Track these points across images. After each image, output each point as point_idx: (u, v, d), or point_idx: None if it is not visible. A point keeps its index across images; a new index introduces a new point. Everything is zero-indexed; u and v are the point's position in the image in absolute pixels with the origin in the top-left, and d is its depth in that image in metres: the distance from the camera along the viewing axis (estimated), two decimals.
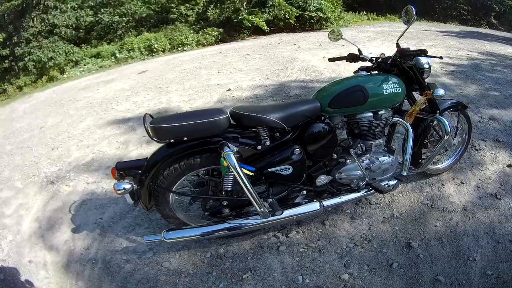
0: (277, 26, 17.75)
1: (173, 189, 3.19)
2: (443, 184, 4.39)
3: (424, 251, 3.49)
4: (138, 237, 3.98)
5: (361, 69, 3.69)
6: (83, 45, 18.77)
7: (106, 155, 6.12)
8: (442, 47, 11.17)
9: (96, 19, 19.44)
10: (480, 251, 3.46)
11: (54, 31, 18.00)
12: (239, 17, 16.70)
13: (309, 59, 10.17)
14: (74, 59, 16.94)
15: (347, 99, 3.24)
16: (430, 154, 3.88)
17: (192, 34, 17.48)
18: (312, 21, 17.65)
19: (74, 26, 18.79)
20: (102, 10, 19.59)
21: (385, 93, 3.26)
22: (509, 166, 4.65)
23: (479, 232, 3.68)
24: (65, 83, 14.02)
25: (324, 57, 9.77)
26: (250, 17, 16.82)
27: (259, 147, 3.16)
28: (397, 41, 3.65)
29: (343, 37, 3.90)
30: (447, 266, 3.34)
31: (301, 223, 3.91)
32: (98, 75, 14.16)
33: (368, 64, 3.70)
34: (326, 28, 17.43)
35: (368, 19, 21.43)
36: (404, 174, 3.64)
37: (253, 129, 3.20)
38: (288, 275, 3.34)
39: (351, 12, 22.20)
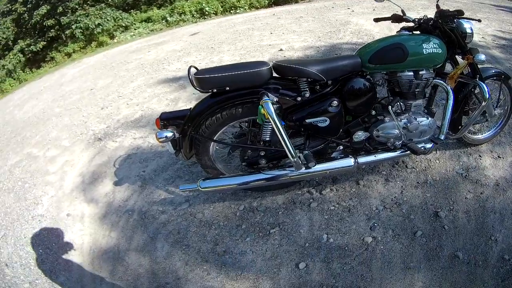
0: None
1: (214, 138, 3.29)
2: (480, 156, 4.26)
3: (450, 223, 3.45)
4: (177, 189, 4.14)
5: (404, 29, 3.66)
6: (132, 10, 18.86)
7: (155, 112, 6.27)
8: (495, 20, 10.62)
9: None
10: (503, 232, 3.34)
11: None
12: None
13: (362, 23, 9.99)
14: (123, 25, 17.09)
15: (387, 55, 3.22)
16: (468, 121, 3.78)
17: None
18: None
19: None
20: None
21: (424, 53, 3.20)
22: None
23: (506, 211, 3.54)
24: (115, 48, 14.22)
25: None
26: None
27: (299, 99, 3.20)
28: (437, 2, 3.60)
29: None
30: (468, 243, 3.27)
31: (336, 181, 3.97)
32: (149, 38, 14.33)
33: (411, 24, 3.66)
34: None
35: None
36: (442, 138, 3.58)
37: (294, 81, 3.24)
38: (314, 233, 3.42)
39: None
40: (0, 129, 7.80)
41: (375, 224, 3.47)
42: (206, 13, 16.50)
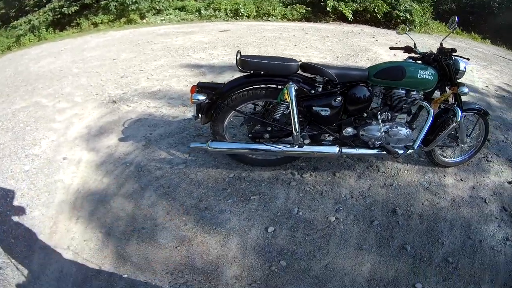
0: (364, 17, 17.55)
1: (237, 108, 3.88)
2: (445, 175, 4.76)
3: (404, 220, 3.92)
4: (178, 152, 4.59)
5: (409, 57, 4.31)
6: None
7: (172, 89, 6.67)
8: (507, 74, 10.93)
9: None
10: (450, 238, 3.79)
11: None
12: (327, 2, 16.55)
13: (381, 52, 10.26)
14: (157, 8, 17.07)
15: (389, 73, 3.89)
16: (439, 137, 4.29)
17: (280, 6, 17.52)
18: (399, 20, 17.12)
19: None
20: None
21: (418, 77, 3.86)
22: (509, 182, 4.84)
23: (456, 222, 4.01)
24: (143, 28, 14.49)
25: (395, 54, 9.99)
26: (338, 3, 16.73)
27: (313, 91, 3.86)
28: (441, 41, 4.21)
29: (406, 32, 4.42)
30: (417, 240, 3.72)
31: (317, 169, 4.50)
32: (179, 26, 14.61)
33: (417, 55, 4.26)
34: (409, 30, 17.15)
35: (452, 32, 20.92)
36: (414, 146, 4.17)
37: (313, 79, 3.93)
38: (287, 205, 3.90)
39: (439, 21, 21.83)
40: (11, 77, 8.11)
41: (340, 208, 3.96)
42: (240, 14, 16.74)
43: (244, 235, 3.53)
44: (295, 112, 3.57)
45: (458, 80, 4.15)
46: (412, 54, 4.31)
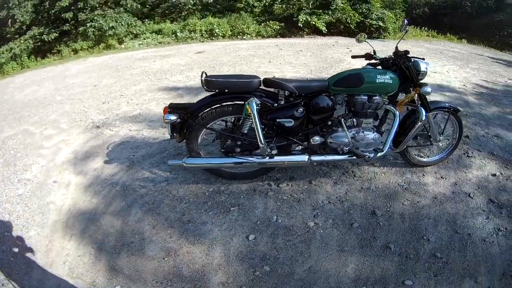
0: (337, 28, 17.88)
1: (207, 126, 4.11)
2: (423, 175, 4.89)
3: (385, 221, 4.03)
4: (159, 171, 4.80)
5: (369, 64, 4.53)
6: (146, 20, 19.20)
7: (152, 112, 6.91)
8: (484, 71, 11.31)
9: None
10: (436, 234, 3.86)
11: (120, 3, 18.31)
12: (299, 17, 16.85)
13: (354, 62, 10.44)
14: (134, 32, 17.38)
15: (348, 81, 4.09)
16: (407, 137, 4.45)
17: (254, 24, 17.84)
18: (372, 29, 17.60)
19: (140, 0, 19.17)
20: None
21: (377, 82, 4.04)
22: (493, 175, 4.97)
23: (441, 218, 4.10)
24: (122, 53, 14.74)
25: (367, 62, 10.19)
26: (310, 17, 16.98)
27: (275, 105, 4.07)
28: (396, 45, 4.43)
29: (366, 40, 4.68)
30: (401, 238, 3.81)
31: (293, 178, 4.68)
32: (156, 49, 14.83)
33: (376, 61, 4.48)
34: (383, 38, 17.47)
35: (427, 35, 21.01)
36: (382, 149, 4.35)
37: (275, 93, 4.14)
38: (266, 214, 4.08)
39: (413, 26, 21.96)
40: None
41: (319, 214, 4.10)
42: (215, 34, 16.98)
43: (226, 244, 3.68)
44: (258, 125, 3.81)
45: (422, 81, 4.32)
46: (373, 61, 4.55)
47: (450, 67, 11.32)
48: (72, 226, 3.95)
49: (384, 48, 7.24)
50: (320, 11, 17.44)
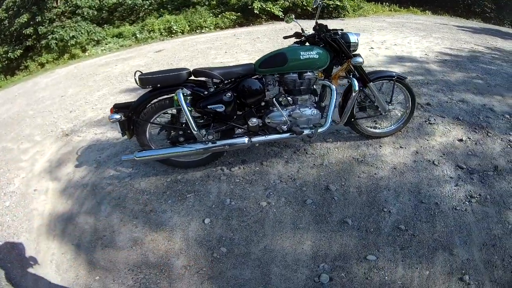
0: (295, 12, 17.57)
1: (150, 121, 4.39)
2: (380, 146, 4.96)
3: (340, 195, 4.14)
4: (123, 168, 5.10)
5: (296, 42, 4.69)
6: (105, 25, 19.38)
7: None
8: (448, 39, 11.37)
9: (120, 0, 20.04)
10: (398, 206, 3.92)
11: (77, 12, 18.52)
12: (253, 4, 17.02)
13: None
14: (96, 39, 17.54)
15: (271, 61, 4.28)
16: (346, 109, 4.59)
17: (211, 17, 17.91)
18: (330, 9, 17.62)
19: (96, 7, 19.31)
20: None
21: (302, 58, 4.20)
22: (460, 140, 5.00)
23: (402, 189, 4.16)
24: (86, 60, 14.85)
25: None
26: (265, 4, 17.14)
27: (206, 93, 4.30)
28: (316, 20, 4.60)
29: (294, 20, 4.79)
30: (359, 212, 3.90)
31: (245, 162, 4.92)
32: (118, 53, 14.99)
33: (303, 39, 4.64)
34: (343, 17, 17.61)
35: (389, 10, 20.88)
36: (322, 124, 4.50)
37: (205, 82, 4.34)
38: (220, 198, 4.33)
39: (373, 2, 21.92)
40: None
41: (271, 193, 4.31)
42: (174, 31, 17.10)
43: (185, 229, 3.96)
44: (187, 113, 4.07)
45: (354, 53, 4.45)
46: (301, 39, 4.66)
47: (412, 38, 11.45)
48: (54, 227, 4.27)
49: (344, 26, 7.37)
50: None
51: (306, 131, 4.45)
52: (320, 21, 4.54)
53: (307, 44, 4.59)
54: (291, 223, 3.87)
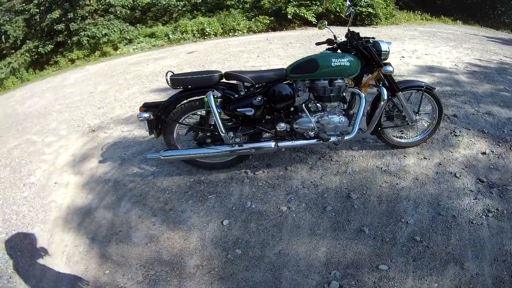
0: (328, 18, 17.57)
1: (179, 121, 4.40)
2: (405, 156, 4.86)
3: (360, 204, 4.08)
4: (147, 166, 5.14)
5: (327, 49, 4.68)
6: (138, 24, 19.58)
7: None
8: (478, 50, 11.27)
9: (153, 1, 20.22)
10: (415, 217, 3.83)
11: (110, 10, 18.76)
12: (287, 9, 16.96)
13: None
14: (128, 37, 17.73)
15: (303, 67, 4.27)
16: (374, 118, 4.55)
17: (244, 21, 17.92)
18: (363, 16, 17.54)
19: (129, 6, 19.51)
20: None
21: (333, 65, 4.19)
22: (483, 153, 4.88)
23: (422, 200, 4.07)
24: (117, 59, 15.00)
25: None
26: (299, 9, 17.07)
27: (236, 96, 4.29)
28: (348, 27, 4.54)
29: (327, 26, 4.76)
30: (376, 221, 3.83)
31: (269, 166, 4.90)
32: (150, 53, 15.07)
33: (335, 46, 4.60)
34: (375, 24, 17.49)
35: (421, 19, 20.82)
36: (350, 132, 4.48)
37: (236, 85, 4.35)
38: (241, 200, 4.31)
39: (405, 10, 21.85)
40: (1, 119, 8.76)
41: (292, 198, 4.26)
42: (207, 33, 17.16)
43: (202, 230, 3.94)
44: (216, 115, 4.06)
45: (385, 61, 4.41)
46: (332, 45, 4.63)
47: (442, 48, 11.30)
48: (71, 220, 4.31)
49: (376, 34, 7.34)
50: (308, 1, 17.45)
51: (332, 138, 4.45)
52: (353, 28, 4.50)
53: (338, 51, 4.56)
54: (309, 229, 3.83)
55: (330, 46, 4.68)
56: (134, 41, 17.71)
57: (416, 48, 11.21)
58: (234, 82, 4.35)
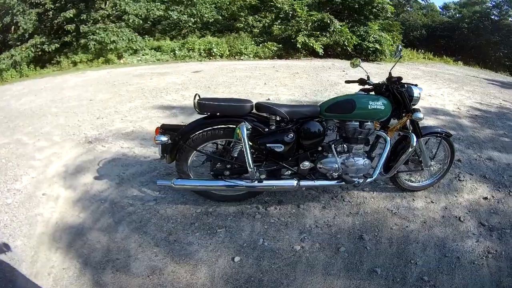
0: (335, 51, 18.13)
1: (197, 149, 4.13)
2: (413, 199, 4.86)
3: (372, 245, 3.98)
4: (148, 189, 4.79)
5: (362, 90, 4.54)
6: (146, 36, 19.55)
7: (145, 130, 6.93)
8: (479, 93, 11.56)
9: (166, 14, 20.16)
10: (424, 258, 3.82)
11: (123, 17, 18.60)
12: (297, 38, 17.05)
13: (349, 86, 10.60)
14: (134, 47, 17.69)
15: (340, 107, 4.11)
16: (398, 162, 4.44)
17: (252, 45, 18.08)
18: (369, 51, 17.91)
19: (143, 16, 19.40)
20: (172, 7, 20.31)
21: (369, 108, 4.06)
22: (485, 198, 4.97)
23: (429, 242, 4.07)
24: (120, 68, 14.90)
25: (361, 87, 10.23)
26: (308, 39, 17.18)
27: (266, 129, 4.06)
28: (390, 70, 4.43)
29: (360, 65, 4.62)
30: (388, 262, 3.76)
31: (281, 202, 4.66)
32: (154, 66, 15.00)
33: (370, 87, 4.50)
34: (380, 61, 17.68)
35: (424, 58, 21.34)
36: (372, 174, 4.32)
37: (267, 118, 4.13)
38: (253, 237, 4.05)
39: (409, 49, 22.23)
40: None
41: (305, 237, 4.06)
42: (213, 54, 17.14)
43: (212, 265, 3.65)
44: (247, 149, 3.81)
45: (414, 107, 4.34)
46: (366, 86, 4.54)
47: (445, 90, 11.48)
48: (59, 239, 3.94)
49: (380, 71, 7.29)
50: (318, 33, 17.58)
51: (355, 180, 4.30)
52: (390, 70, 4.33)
53: (372, 92, 4.47)
54: (323, 269, 3.68)
55: (365, 87, 4.59)
56: (140, 52, 17.72)
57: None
58: (265, 114, 4.16)
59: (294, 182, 4.14)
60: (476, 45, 23.58)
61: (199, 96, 3.98)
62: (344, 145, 4.32)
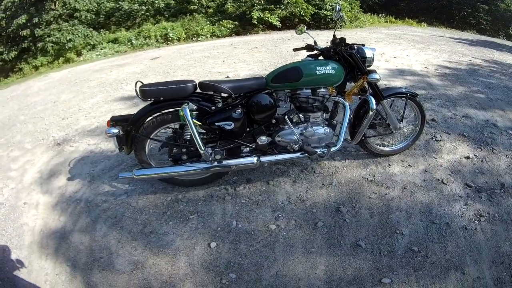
0: (292, 22, 17.96)
1: (150, 136, 4.07)
2: (389, 164, 4.80)
3: (351, 217, 3.95)
4: (118, 184, 4.80)
5: (309, 56, 4.42)
6: (101, 30, 19.42)
7: None
8: (446, 52, 11.66)
9: (117, 5, 20.11)
10: (410, 227, 3.79)
11: (75, 15, 18.50)
12: (252, 13, 17.06)
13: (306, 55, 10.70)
14: (91, 43, 17.54)
15: (286, 76, 4.00)
16: (361, 128, 4.36)
17: (208, 25, 17.96)
18: (327, 19, 17.82)
19: (94, 11, 19.38)
20: None
21: (317, 73, 3.95)
22: (467, 157, 4.93)
23: (413, 209, 4.02)
24: (80, 65, 14.74)
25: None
26: (263, 13, 17.19)
27: (213, 108, 3.97)
28: (334, 33, 4.31)
29: (305, 31, 4.57)
30: (371, 234, 3.73)
31: (250, 180, 4.65)
32: (113, 59, 14.86)
33: (317, 52, 4.42)
34: (340, 28, 17.39)
35: (386, 21, 21.32)
36: (335, 143, 4.27)
37: (212, 95, 4.03)
38: (226, 220, 4.05)
39: (370, 13, 22.23)
40: None
41: (280, 215, 4.05)
42: (170, 38, 17.07)
43: (189, 254, 3.69)
44: (194, 130, 3.74)
45: (369, 68, 4.26)
46: (314, 52, 4.44)
47: (410, 51, 11.49)
48: (46, 245, 3.96)
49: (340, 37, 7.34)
50: (272, 6, 17.60)
51: (318, 151, 4.23)
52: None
53: (320, 57, 4.34)
54: (303, 247, 3.67)
55: (311, 53, 4.49)
56: (97, 47, 17.52)
57: (384, 51, 11.37)
58: (210, 92, 4.07)
59: (254, 159, 4.12)
60: (438, 6, 23.61)
61: (141, 82, 3.91)
62: (300, 115, 4.23)
